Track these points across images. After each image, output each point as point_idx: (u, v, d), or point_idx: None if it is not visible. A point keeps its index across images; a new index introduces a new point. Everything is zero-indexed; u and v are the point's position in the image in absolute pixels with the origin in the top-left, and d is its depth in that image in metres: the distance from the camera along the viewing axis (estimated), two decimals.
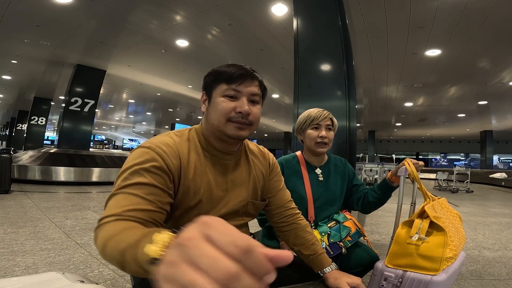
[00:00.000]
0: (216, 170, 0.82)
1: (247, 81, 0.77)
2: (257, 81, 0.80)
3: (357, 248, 1.26)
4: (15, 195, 4.62)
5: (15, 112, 16.36)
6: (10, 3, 4.32)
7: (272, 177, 0.98)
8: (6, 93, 12.31)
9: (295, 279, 0.91)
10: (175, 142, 0.76)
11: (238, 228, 0.87)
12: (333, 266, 0.91)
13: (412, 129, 17.66)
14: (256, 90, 0.79)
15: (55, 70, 8.32)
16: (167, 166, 0.69)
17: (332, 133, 1.37)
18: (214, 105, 0.77)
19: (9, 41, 6.04)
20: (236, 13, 4.52)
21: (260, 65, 6.80)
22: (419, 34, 4.77)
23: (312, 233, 0.99)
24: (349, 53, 2.12)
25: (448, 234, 0.97)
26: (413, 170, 1.15)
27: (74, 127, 7.91)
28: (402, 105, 10.74)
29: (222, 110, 0.75)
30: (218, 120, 0.76)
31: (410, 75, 7.06)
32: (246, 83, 0.77)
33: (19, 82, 9.99)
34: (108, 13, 4.76)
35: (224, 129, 0.76)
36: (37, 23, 5.10)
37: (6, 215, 3.28)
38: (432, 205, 1.09)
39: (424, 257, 0.94)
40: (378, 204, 1.34)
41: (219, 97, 0.76)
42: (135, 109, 15.64)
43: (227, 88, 0.75)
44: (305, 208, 1.31)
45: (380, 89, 8.59)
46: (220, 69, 0.78)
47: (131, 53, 6.71)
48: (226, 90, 0.75)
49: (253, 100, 0.79)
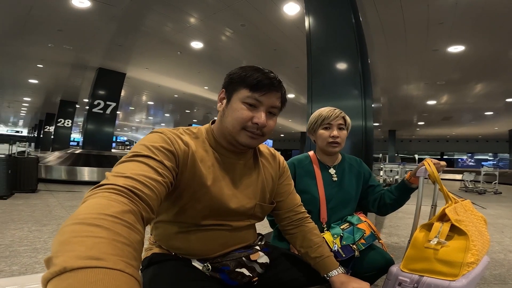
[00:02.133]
0: (224, 168, 0.81)
1: (271, 92, 0.76)
2: (280, 93, 0.79)
3: (371, 251, 1.22)
4: (41, 194, 4.85)
5: (42, 114, 17.23)
6: (31, 8, 4.54)
7: (282, 180, 0.96)
8: (34, 97, 12.98)
9: (302, 282, 0.89)
10: (184, 135, 0.77)
11: (245, 229, 0.87)
12: (340, 270, 0.88)
13: (436, 128, 16.96)
14: (277, 103, 0.78)
15: (79, 74, 8.67)
16: (176, 150, 0.70)
17: (345, 132, 1.33)
18: (232, 109, 0.76)
19: (34, 46, 6.34)
20: (248, 14, 4.53)
21: (275, 65, 6.77)
22: (440, 30, 4.57)
23: (320, 235, 0.96)
24: (364, 50, 2.06)
25: (470, 238, 0.91)
26: (434, 170, 1.09)
27: (97, 128, 8.19)
28: (424, 103, 10.34)
29: (239, 117, 0.74)
30: (233, 126, 0.75)
31: (431, 73, 6.78)
32: (269, 94, 0.75)
33: (45, 85, 10.49)
34: (124, 17, 4.91)
35: (236, 136, 0.76)
36: (59, 27, 5.33)
37: (32, 213, 3.44)
38: (454, 208, 1.03)
39: (442, 262, 0.89)
40: (396, 206, 1.28)
41: (239, 103, 0.75)
42: (154, 110, 16.05)
43: (249, 96, 0.74)
44: (318, 209, 1.27)
45: (400, 87, 8.31)
46: (246, 72, 0.76)
47: (148, 56, 6.88)
48: (247, 98, 0.74)
49: (271, 111, 0.78)
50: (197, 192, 0.75)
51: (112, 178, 0.53)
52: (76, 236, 0.38)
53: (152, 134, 0.71)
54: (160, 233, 0.83)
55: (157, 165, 0.62)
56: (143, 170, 0.58)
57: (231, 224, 0.82)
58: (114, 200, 0.47)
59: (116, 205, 0.46)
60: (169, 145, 0.69)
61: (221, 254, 0.81)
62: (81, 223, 0.40)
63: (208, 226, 0.79)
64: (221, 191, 0.78)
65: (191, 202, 0.75)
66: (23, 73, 8.85)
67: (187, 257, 0.80)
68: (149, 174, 0.58)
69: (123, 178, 0.53)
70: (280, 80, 0.79)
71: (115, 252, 0.37)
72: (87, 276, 0.33)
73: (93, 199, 0.47)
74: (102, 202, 0.46)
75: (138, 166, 0.59)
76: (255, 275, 0.82)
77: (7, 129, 31.70)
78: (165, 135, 0.71)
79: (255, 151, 0.91)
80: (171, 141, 0.70)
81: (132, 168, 0.57)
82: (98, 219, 0.41)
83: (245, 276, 0.80)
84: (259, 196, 0.87)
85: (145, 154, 0.62)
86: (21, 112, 18.65)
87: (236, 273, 0.79)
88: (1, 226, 2.79)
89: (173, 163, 0.68)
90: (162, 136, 0.70)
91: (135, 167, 0.58)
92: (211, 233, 0.80)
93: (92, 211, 0.43)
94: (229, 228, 0.82)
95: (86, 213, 0.43)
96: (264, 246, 0.91)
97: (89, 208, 0.44)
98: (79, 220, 0.41)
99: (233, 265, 0.79)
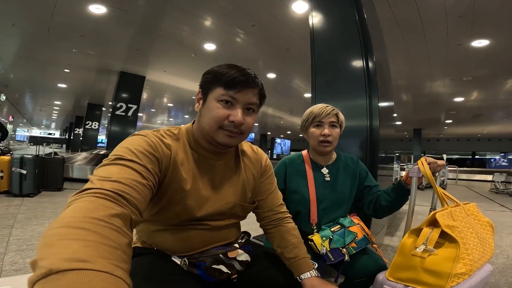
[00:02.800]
0: (203, 169, 0.81)
1: (246, 89, 0.74)
2: (257, 89, 0.77)
3: (364, 255, 1.16)
4: (66, 192, 5.12)
5: (72, 117, 18.27)
6: (53, 14, 4.79)
7: (264, 179, 0.95)
8: (63, 100, 13.78)
9: (280, 283, 0.87)
10: (167, 138, 0.77)
11: (225, 228, 0.87)
12: (314, 273, 0.85)
13: (465, 127, 16.01)
14: (254, 99, 0.77)
15: (103, 78, 9.08)
16: (160, 155, 0.70)
17: (337, 131, 1.26)
18: (208, 109, 0.75)
19: (59, 51, 6.71)
20: (257, 14, 4.52)
21: (289, 64, 6.70)
22: (460, 23, 4.30)
23: (298, 236, 0.93)
24: (369, 48, 1.98)
25: (462, 246, 0.84)
26: (427, 170, 1.01)
27: (120, 130, 8.53)
28: (450, 101, 9.79)
29: (215, 116, 0.74)
30: (210, 126, 0.75)
31: (456, 68, 6.41)
32: (245, 91, 0.74)
33: (73, 89, 11.10)
34: (139, 22, 5.07)
35: (214, 136, 0.76)
36: (81, 33, 5.60)
37: (55, 210, 3.64)
38: (450, 212, 0.96)
39: (429, 272, 0.82)
40: (392, 208, 1.21)
41: (214, 102, 0.74)
42: (175, 112, 16.46)
43: (224, 93, 0.73)
44: (308, 210, 1.23)
45: (424, 84, 7.93)
46: (221, 70, 0.75)
47: (165, 58, 7.06)
48: (222, 96, 0.73)
49: (249, 108, 0.77)
50: (176, 196, 0.75)
51: (98, 182, 0.53)
52: (61, 239, 0.37)
53: (135, 136, 0.71)
54: (141, 229, 0.85)
55: (141, 169, 0.62)
56: (129, 174, 0.59)
57: (210, 224, 0.82)
58: (101, 204, 0.47)
59: (103, 208, 0.46)
60: (153, 149, 0.69)
61: (200, 252, 0.82)
62: (67, 226, 0.40)
63: (186, 225, 0.80)
64: (199, 194, 0.79)
65: (170, 205, 0.76)
66: (53, 78, 9.42)
67: (167, 253, 0.81)
68: (135, 177, 0.59)
69: (110, 182, 0.53)
70: (256, 76, 0.77)
71: (102, 255, 0.37)
72: (73, 278, 0.32)
73: (78, 203, 0.46)
74: (88, 206, 0.45)
75: (123, 170, 0.59)
76: (234, 272, 0.82)
77: (40, 131, 33.85)
78: (148, 139, 0.71)
79: (237, 151, 0.91)
80: (155, 145, 0.70)
81: (117, 172, 0.57)
82: (84, 222, 0.40)
83: (223, 273, 0.80)
84: (240, 196, 0.87)
85: (129, 158, 0.62)
86: (52, 115, 19.89)
87: (213, 270, 0.79)
88: (24, 221, 2.98)
89: (156, 167, 0.69)
90: (146, 139, 0.70)
91: (120, 171, 0.58)
92: (190, 232, 0.80)
93: (78, 214, 0.42)
94: (208, 228, 0.82)
95: (71, 216, 0.42)
96: (245, 244, 0.90)
97: (75, 212, 0.43)
98: (65, 224, 0.40)
99: (210, 261, 0.79)
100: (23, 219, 3.08)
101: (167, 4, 4.44)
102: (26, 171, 4.36)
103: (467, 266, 0.82)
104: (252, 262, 0.89)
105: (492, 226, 1.05)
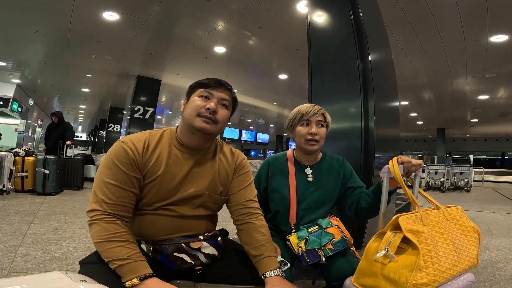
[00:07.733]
0: (180, 161, 0.91)
1: (220, 87, 0.93)
2: (229, 92, 0.95)
3: (341, 258, 1.14)
4: (85, 191, 5.39)
5: (97, 120, 19.11)
6: (71, 22, 5.09)
7: (236, 176, 1.02)
8: (88, 104, 14.46)
9: (245, 279, 0.91)
10: (147, 137, 0.90)
11: (194, 218, 0.93)
12: (277, 272, 0.86)
13: (493, 126, 15.12)
14: (226, 96, 0.94)
15: (123, 82, 9.47)
16: (136, 157, 0.85)
17: (324, 130, 1.26)
18: (190, 103, 0.92)
19: (81, 57, 7.09)
20: (263, 16, 4.56)
21: (300, 64, 6.63)
22: (474, 18, 4.10)
23: (266, 234, 0.95)
24: (364, 47, 1.95)
25: (427, 254, 0.78)
26: (396, 171, 0.95)
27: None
28: (475, 99, 9.31)
29: (195, 106, 0.90)
30: (190, 114, 0.90)
31: (477, 65, 6.10)
32: (219, 89, 0.93)
33: (96, 93, 11.64)
34: (151, 27, 5.27)
35: (192, 122, 0.89)
36: (98, 39, 5.90)
37: (73, 207, 3.85)
38: (420, 216, 0.91)
39: (388, 280, 0.78)
40: (373, 211, 1.14)
41: (195, 97, 0.92)
42: None
43: (203, 90, 0.92)
44: (287, 210, 1.24)
45: (444, 82, 7.61)
46: (200, 80, 0.95)
47: (178, 62, 7.27)
48: (201, 92, 0.92)
49: (223, 103, 0.94)
50: (150, 183, 0.87)
51: (101, 205, 0.78)
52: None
53: (116, 145, 0.86)
54: None
55: (127, 180, 0.82)
56: (119, 192, 0.80)
57: (177, 210, 0.89)
58: (110, 226, 0.78)
59: (113, 228, 0.78)
60: (130, 155, 0.83)
61: (165, 239, 0.88)
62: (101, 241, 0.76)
63: (155, 210, 0.88)
64: (172, 178, 0.89)
65: (146, 189, 0.87)
66: (76, 82, 9.95)
67: (138, 239, 0.88)
68: (124, 195, 0.81)
69: (109, 205, 0.79)
70: (230, 84, 0.96)
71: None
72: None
73: (97, 226, 0.77)
74: (107, 228, 0.77)
75: (116, 190, 0.80)
76: (198, 263, 0.87)
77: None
78: (125, 145, 0.84)
79: (215, 149, 1.00)
80: (131, 150, 0.84)
81: (112, 192, 0.80)
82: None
83: (186, 262, 0.86)
84: (210, 186, 0.94)
85: (115, 172, 0.81)
86: (79, 118, 20.89)
87: (174, 257, 0.85)
88: (43, 217, 3.18)
89: (136, 170, 0.84)
90: (124, 146, 0.84)
91: (114, 191, 0.80)
92: (158, 218, 0.89)
93: (101, 234, 0.76)
94: (175, 214, 0.89)
95: (98, 236, 0.77)
96: (212, 237, 0.93)
97: (100, 233, 0.77)
98: (100, 240, 0.76)
99: (171, 249, 0.85)
100: (43, 215, 3.28)
101: (178, 10, 4.58)
102: (49, 171, 4.64)
103: (430, 276, 0.76)
104: (221, 257, 0.94)
105: (478, 232, 0.98)
